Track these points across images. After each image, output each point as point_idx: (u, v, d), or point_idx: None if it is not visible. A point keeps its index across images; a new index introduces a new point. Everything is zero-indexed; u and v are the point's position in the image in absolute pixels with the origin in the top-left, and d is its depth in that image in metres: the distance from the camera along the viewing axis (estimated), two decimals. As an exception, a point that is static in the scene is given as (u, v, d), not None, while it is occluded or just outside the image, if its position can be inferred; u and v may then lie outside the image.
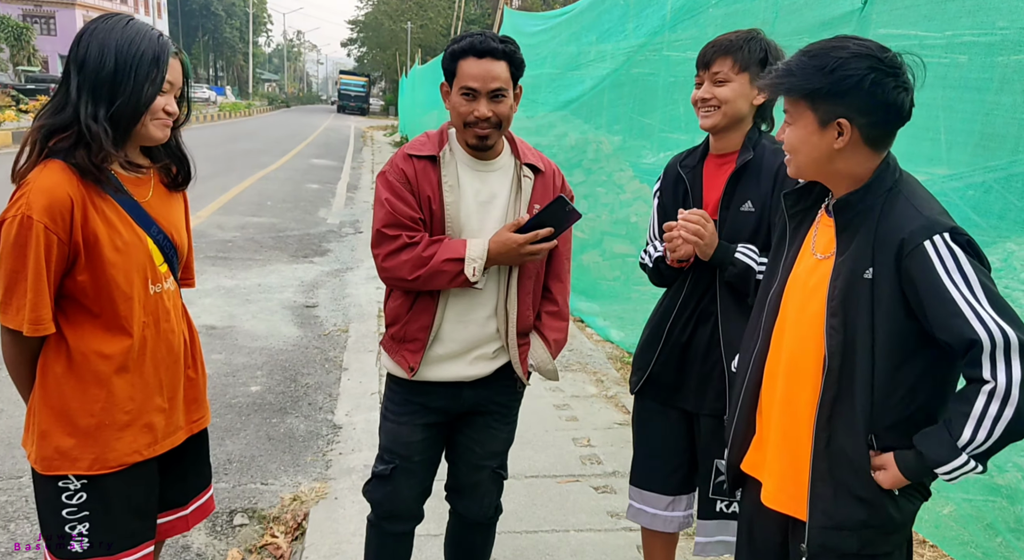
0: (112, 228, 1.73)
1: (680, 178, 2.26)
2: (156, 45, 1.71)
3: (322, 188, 13.98)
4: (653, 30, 5.68)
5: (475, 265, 2.02)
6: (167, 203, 1.92)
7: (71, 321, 1.75)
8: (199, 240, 8.56)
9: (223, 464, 3.67)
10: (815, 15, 3.74)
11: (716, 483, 2.24)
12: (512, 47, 2.03)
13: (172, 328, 1.90)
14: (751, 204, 2.12)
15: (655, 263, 2.30)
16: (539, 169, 2.18)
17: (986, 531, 2.85)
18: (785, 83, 1.57)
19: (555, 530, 3.15)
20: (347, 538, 3.01)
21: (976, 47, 2.85)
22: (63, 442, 1.76)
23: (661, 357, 2.28)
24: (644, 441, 2.39)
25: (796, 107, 1.59)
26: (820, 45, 1.57)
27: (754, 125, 2.17)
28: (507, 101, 2.04)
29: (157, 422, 1.88)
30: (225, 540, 3.08)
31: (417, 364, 2.14)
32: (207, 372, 2.13)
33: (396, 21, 51.52)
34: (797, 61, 1.57)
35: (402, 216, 2.06)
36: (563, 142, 7.63)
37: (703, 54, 2.12)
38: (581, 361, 5.21)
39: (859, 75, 1.50)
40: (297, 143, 24.45)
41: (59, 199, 1.63)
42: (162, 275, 1.87)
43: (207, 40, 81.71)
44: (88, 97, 1.67)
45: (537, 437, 3.95)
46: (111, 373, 1.77)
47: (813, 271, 1.67)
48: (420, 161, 2.10)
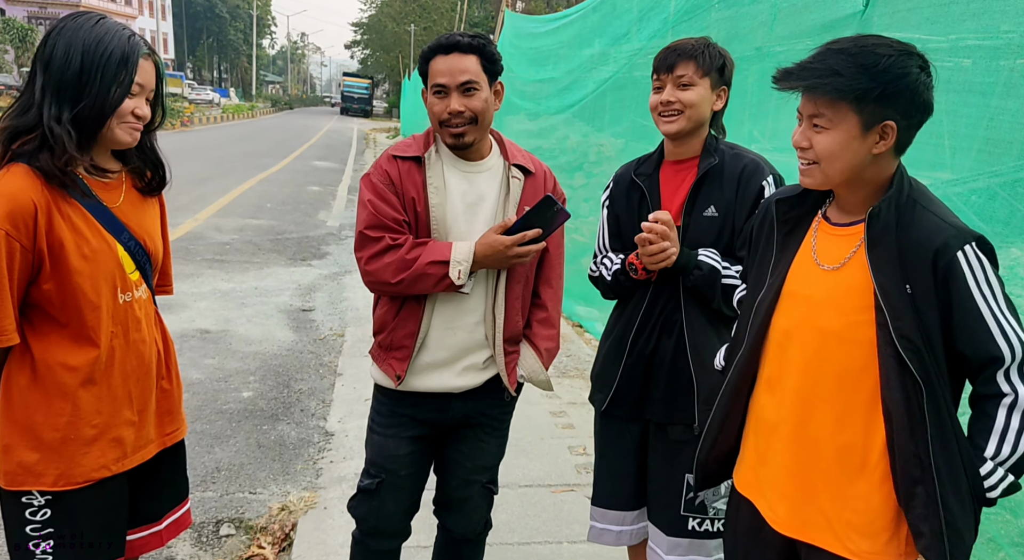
0: (79, 235, 1.66)
1: (635, 185, 2.21)
2: (126, 45, 1.64)
3: (323, 190, 13.95)
4: (654, 33, 5.63)
5: (460, 268, 1.96)
6: (140, 208, 1.84)
7: (37, 331, 1.68)
8: (197, 242, 8.52)
9: (211, 472, 3.61)
10: (815, 17, 3.68)
11: (688, 500, 2.17)
12: (482, 41, 1.98)
13: (143, 338, 1.83)
14: (714, 209, 2.09)
15: (614, 276, 2.22)
16: (529, 170, 2.12)
17: (988, 545, 2.78)
18: (831, 84, 1.43)
19: (548, 542, 3.08)
20: (335, 550, 2.95)
21: (980, 51, 2.79)
22: (27, 457, 1.69)
23: (625, 371, 2.21)
24: (611, 460, 2.32)
25: (836, 110, 1.45)
26: (855, 42, 1.45)
27: (710, 132, 2.16)
28: (480, 95, 1.98)
29: (126, 436, 1.81)
30: (211, 551, 3.02)
31: (404, 372, 2.08)
32: (200, 377, 2.07)
33: (399, 23, 51.53)
34: (839, 60, 1.43)
35: (385, 217, 2.00)
36: (564, 145, 7.57)
37: (663, 58, 2.09)
38: (578, 367, 5.14)
39: (913, 74, 1.41)
40: (299, 145, 24.43)
41: (22, 204, 1.57)
42: (132, 283, 1.80)
43: (211, 42, 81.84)
44: (52, 98, 1.61)
45: (532, 445, 3.89)
46: (77, 386, 1.71)
47: (820, 283, 1.57)
48: (405, 162, 2.05)
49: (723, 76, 2.09)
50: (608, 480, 2.33)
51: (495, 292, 2.09)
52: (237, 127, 32.82)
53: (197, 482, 3.48)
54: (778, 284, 1.65)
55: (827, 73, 1.43)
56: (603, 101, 7.06)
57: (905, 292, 1.46)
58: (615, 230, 2.29)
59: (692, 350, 2.10)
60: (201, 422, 4.13)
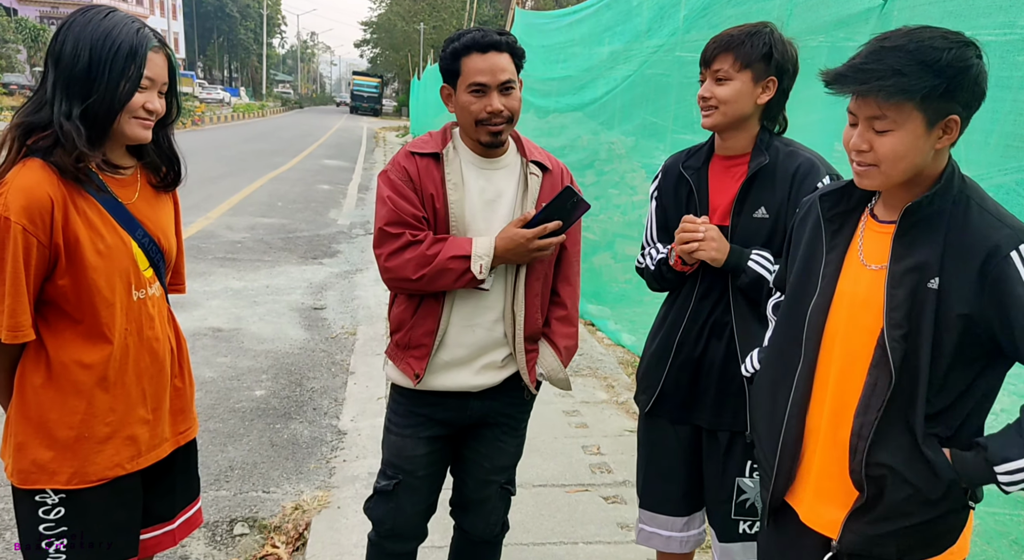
0: (94, 230, 1.65)
1: (683, 179, 2.15)
2: (134, 38, 1.60)
3: (333, 189, 13.96)
4: (669, 31, 5.59)
5: (482, 262, 1.94)
6: (154, 205, 1.83)
7: (52, 328, 1.67)
8: (208, 241, 8.54)
9: (224, 471, 3.61)
10: (832, 12, 3.63)
11: (739, 503, 2.13)
12: (512, 39, 1.99)
13: (156, 336, 1.81)
14: (764, 210, 2.02)
15: (657, 266, 2.19)
16: (546, 167, 2.11)
17: (1012, 547, 2.75)
18: (895, 85, 1.35)
19: (563, 542, 3.06)
20: (349, 549, 2.94)
21: (999, 46, 2.75)
22: (41, 455, 1.68)
23: (672, 373, 2.16)
24: (655, 462, 2.28)
25: (899, 111, 1.37)
26: (909, 37, 1.37)
27: (763, 127, 2.06)
28: (516, 93, 2.00)
29: (140, 434, 1.80)
30: (225, 550, 3.01)
31: (423, 371, 2.06)
32: (212, 376, 2.06)
33: (409, 22, 51.55)
34: (897, 58, 1.35)
35: (405, 214, 1.98)
36: (576, 143, 7.54)
37: (705, 51, 2.03)
38: (591, 366, 5.12)
39: (975, 66, 1.36)
40: (309, 144, 24.47)
41: (38, 200, 1.55)
42: (146, 280, 1.78)
43: (222, 42, 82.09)
44: (62, 94, 1.59)
45: (545, 444, 3.87)
46: (92, 384, 1.69)
47: (863, 282, 1.53)
48: (423, 159, 2.03)
49: (770, 65, 1.97)
50: (654, 483, 2.29)
51: (514, 289, 2.07)
52: (247, 126, 32.91)
53: (211, 481, 3.48)
54: (831, 286, 1.58)
55: (889, 73, 1.35)
56: (614, 100, 7.03)
57: (926, 287, 1.43)
58: (662, 222, 2.24)
59: (744, 354, 2.04)
60: (214, 420, 4.13)
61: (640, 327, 5.62)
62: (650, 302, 5.68)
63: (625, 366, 5.18)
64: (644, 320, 5.63)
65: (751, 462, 2.10)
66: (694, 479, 2.24)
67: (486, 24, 39.05)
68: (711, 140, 2.15)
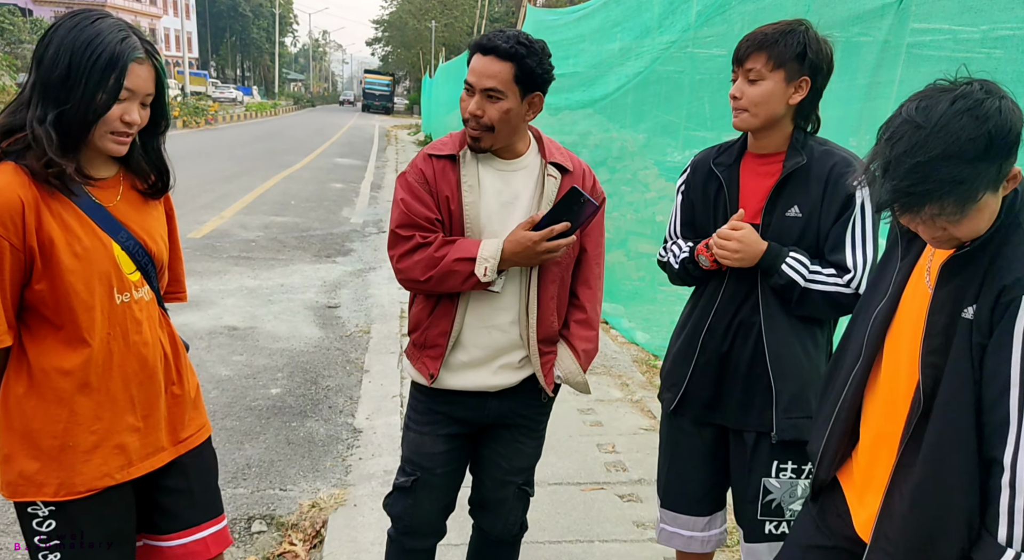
0: (70, 232, 1.59)
1: (713, 175, 2.12)
2: (116, 47, 1.54)
3: (346, 187, 13.99)
4: (682, 27, 5.57)
5: (487, 265, 1.93)
6: (140, 209, 1.77)
7: (34, 335, 1.63)
8: (223, 240, 8.58)
9: (242, 469, 3.63)
10: (847, 8, 3.61)
11: (765, 503, 2.11)
12: (522, 51, 1.89)
13: (144, 341, 1.74)
14: (798, 209, 1.99)
15: (681, 264, 2.17)
16: (566, 169, 2.08)
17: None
18: (959, 194, 1.24)
19: (579, 540, 3.06)
20: (366, 547, 2.95)
21: (1016, 41, 2.73)
22: (27, 466, 1.65)
23: (696, 372, 2.15)
24: (677, 462, 2.27)
25: (964, 205, 1.27)
26: (931, 137, 1.23)
27: (797, 126, 2.03)
28: (502, 104, 1.92)
29: (130, 443, 1.74)
30: (243, 548, 3.04)
31: (437, 370, 2.07)
32: (228, 374, 2.04)
33: (420, 20, 51.61)
34: (944, 169, 1.23)
35: (416, 216, 2.00)
36: (588, 140, 7.53)
37: (739, 49, 1.99)
38: (606, 364, 5.12)
39: (1018, 124, 1.25)
40: (322, 142, 24.54)
41: (8, 202, 1.51)
42: (131, 283, 1.72)
43: (234, 41, 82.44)
44: (38, 98, 1.54)
45: (560, 443, 3.87)
46: (73, 391, 1.65)
47: (918, 298, 1.48)
48: (440, 161, 2.03)
49: (803, 65, 1.93)
50: (676, 482, 2.28)
51: (528, 292, 2.06)
52: (260, 125, 33.05)
53: (228, 479, 3.50)
54: (896, 296, 1.54)
55: (948, 186, 1.24)
56: (626, 96, 7.01)
57: (960, 315, 1.35)
58: (688, 217, 2.21)
59: (772, 356, 2.02)
60: (231, 419, 4.16)
61: (654, 325, 5.61)
62: (664, 300, 5.68)
63: (639, 364, 5.17)
64: (657, 318, 5.62)
65: (777, 462, 2.08)
66: (716, 479, 2.23)
67: (497, 22, 39.02)
68: (743, 137, 2.12)
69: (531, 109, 1.98)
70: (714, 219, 2.12)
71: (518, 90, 1.93)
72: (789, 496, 2.10)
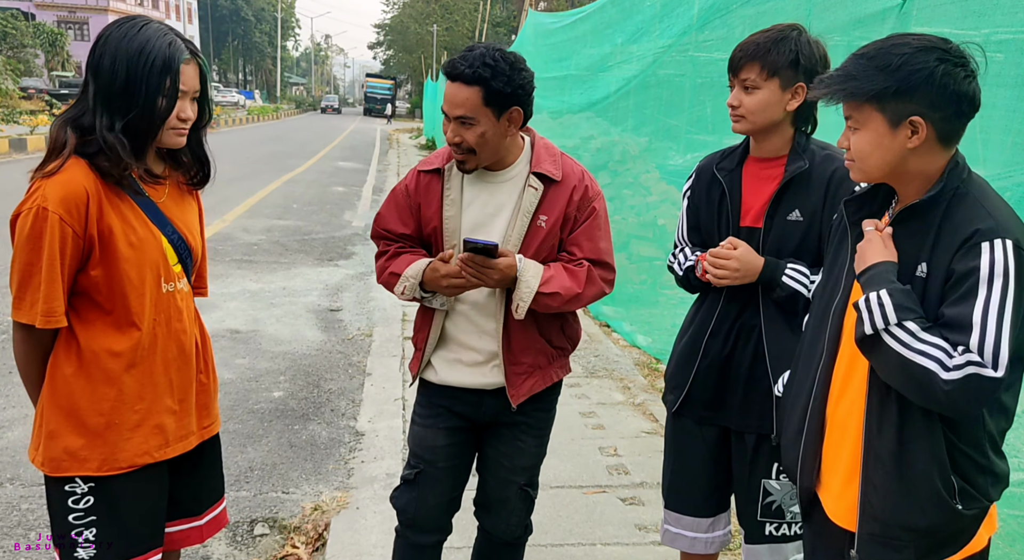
0: (127, 224, 1.72)
1: (716, 181, 2.14)
2: (167, 52, 1.67)
3: (348, 191, 14.02)
4: (681, 30, 5.58)
5: (406, 284, 2.06)
6: (181, 205, 1.91)
7: (83, 319, 1.74)
8: (225, 243, 8.60)
9: (244, 472, 3.64)
10: (849, 12, 3.62)
11: (765, 505, 2.13)
12: (486, 73, 1.87)
13: (184, 328, 1.87)
14: (799, 213, 2.00)
15: (685, 273, 2.20)
16: (552, 179, 2.05)
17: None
18: (847, 88, 1.48)
19: (581, 544, 3.06)
20: (368, 550, 2.95)
21: (1013, 45, 2.74)
22: (72, 442, 1.74)
23: (699, 374, 2.17)
24: (680, 463, 2.28)
25: (861, 112, 1.49)
26: (877, 45, 1.49)
27: (798, 129, 2.04)
28: (476, 129, 1.93)
29: (168, 424, 1.85)
30: (245, 550, 3.04)
31: (416, 369, 2.21)
32: (231, 377, 2.11)
33: (422, 24, 51.72)
34: (855, 64, 1.48)
35: (383, 228, 2.18)
36: (589, 144, 7.53)
37: (732, 59, 2.01)
38: (607, 367, 5.12)
39: (929, 68, 1.42)
40: (324, 146, 24.59)
41: (75, 192, 1.63)
42: (175, 274, 1.85)
43: (236, 45, 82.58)
44: (103, 108, 1.67)
45: (562, 446, 3.87)
46: (121, 371, 1.76)
47: None
48: (426, 175, 2.14)
49: (798, 71, 1.94)
50: (679, 483, 2.29)
51: (503, 314, 2.09)
52: (262, 128, 33.08)
53: (231, 481, 3.50)
54: (849, 286, 1.62)
55: (843, 77, 1.49)
56: (627, 100, 7.02)
57: (914, 275, 1.47)
58: (694, 223, 2.24)
59: (772, 358, 2.04)
60: (234, 422, 4.16)
61: (655, 329, 5.60)
62: (665, 303, 5.68)
63: (641, 367, 5.17)
64: (659, 321, 5.62)
65: (777, 464, 2.09)
66: (720, 480, 2.24)
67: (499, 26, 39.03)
68: (746, 142, 2.14)
69: (512, 124, 1.99)
70: (718, 223, 2.14)
71: (491, 112, 1.93)
72: (790, 498, 2.11)
